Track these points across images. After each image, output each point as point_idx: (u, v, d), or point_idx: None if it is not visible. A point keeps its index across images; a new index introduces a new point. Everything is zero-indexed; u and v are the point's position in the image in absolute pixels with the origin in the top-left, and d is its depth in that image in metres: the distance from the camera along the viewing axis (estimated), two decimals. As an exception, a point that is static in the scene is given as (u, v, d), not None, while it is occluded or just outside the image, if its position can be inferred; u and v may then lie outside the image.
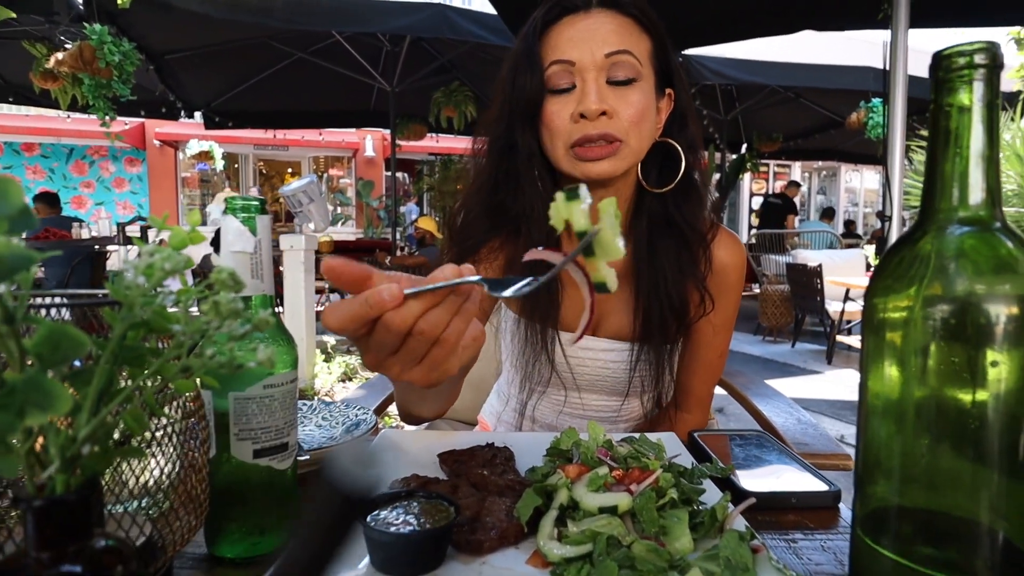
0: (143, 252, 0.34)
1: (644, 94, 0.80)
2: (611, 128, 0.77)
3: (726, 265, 0.92)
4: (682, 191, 0.87)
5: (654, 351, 0.91)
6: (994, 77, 0.37)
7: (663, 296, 0.87)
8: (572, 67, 0.79)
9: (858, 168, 14.66)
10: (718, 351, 0.97)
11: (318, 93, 7.19)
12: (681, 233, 0.87)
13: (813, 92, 6.87)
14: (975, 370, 0.38)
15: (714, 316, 0.92)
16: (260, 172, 15.11)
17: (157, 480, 0.49)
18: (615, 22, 0.80)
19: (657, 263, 0.87)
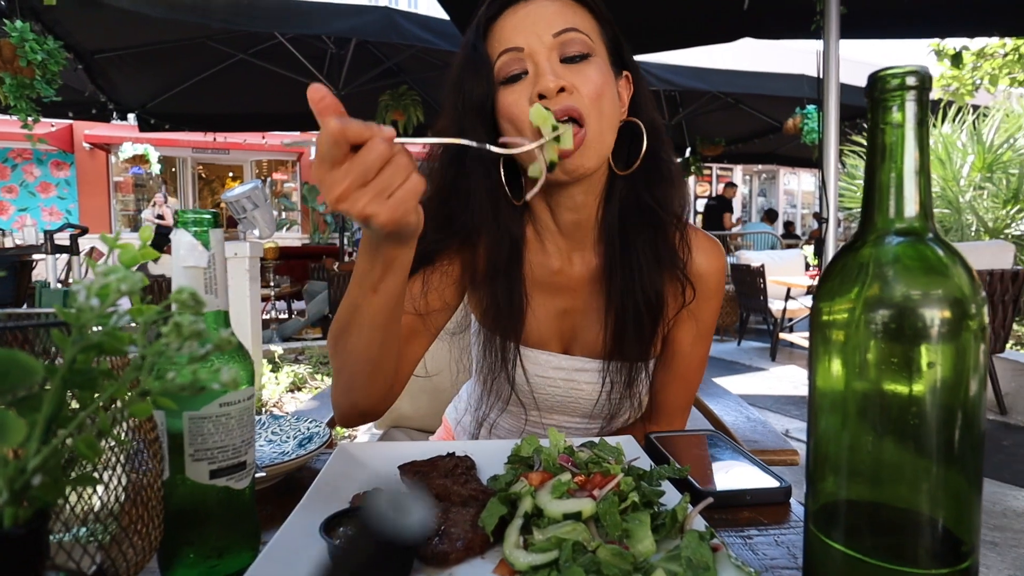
0: (96, 272, 0.33)
1: (601, 70, 0.77)
2: (572, 102, 0.74)
3: (706, 270, 0.89)
4: (650, 171, 0.84)
5: (628, 368, 0.87)
6: (923, 97, 0.40)
7: (638, 290, 0.83)
8: (521, 53, 0.76)
9: (796, 171, 15.32)
10: (696, 362, 0.93)
11: (260, 95, 7.00)
12: (655, 216, 0.84)
13: (752, 98, 7.13)
14: (911, 369, 0.40)
15: (693, 326, 0.89)
16: (199, 176, 14.58)
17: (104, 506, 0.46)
18: (557, 4, 0.78)
19: (630, 254, 0.83)
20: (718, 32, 3.93)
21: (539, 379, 0.90)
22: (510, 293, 0.85)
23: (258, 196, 3.32)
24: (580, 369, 0.89)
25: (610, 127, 0.79)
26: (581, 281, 0.89)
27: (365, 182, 0.53)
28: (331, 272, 6.27)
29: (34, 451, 0.32)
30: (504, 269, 0.85)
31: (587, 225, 0.87)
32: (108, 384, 0.38)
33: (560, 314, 0.90)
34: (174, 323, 0.31)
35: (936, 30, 3.88)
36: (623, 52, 0.85)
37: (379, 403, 0.82)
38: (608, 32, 0.83)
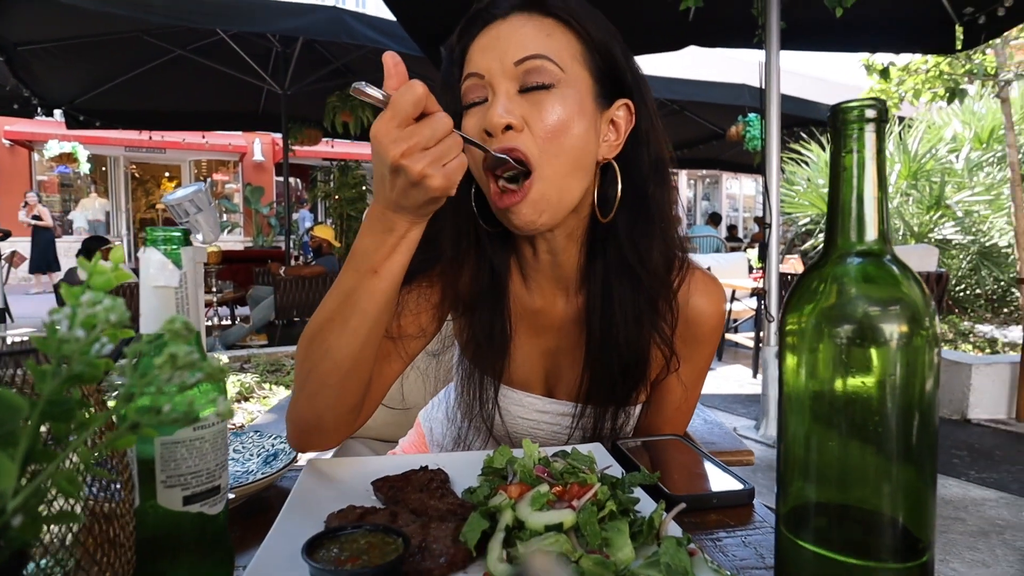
0: (82, 301, 0.32)
1: (565, 102, 0.69)
2: (518, 143, 0.67)
3: (702, 313, 0.82)
4: (638, 221, 0.75)
5: (597, 412, 0.83)
6: (881, 129, 0.43)
7: (612, 349, 0.77)
8: (482, 80, 0.70)
9: (737, 176, 15.88)
10: (687, 408, 0.89)
11: (201, 93, 6.76)
12: (635, 276, 0.76)
13: (696, 105, 7.36)
14: (872, 376, 0.43)
15: (685, 372, 0.83)
16: (132, 176, 13.94)
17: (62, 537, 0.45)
18: (532, 24, 0.70)
19: (611, 307, 0.77)
20: (664, 41, 4.04)
21: (520, 420, 0.86)
22: (492, 328, 0.81)
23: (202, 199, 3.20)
24: (562, 413, 0.85)
25: (572, 172, 0.70)
26: (564, 322, 0.83)
27: (428, 147, 0.57)
28: (277, 277, 6.10)
29: (12, 490, 0.31)
30: (486, 301, 0.81)
31: (568, 268, 0.80)
32: (88, 416, 0.37)
33: (543, 354, 0.85)
34: (169, 354, 0.30)
35: (866, 46, 4.11)
36: (621, 77, 0.75)
37: (343, 418, 0.74)
38: (596, 57, 0.73)
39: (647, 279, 0.76)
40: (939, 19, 3.47)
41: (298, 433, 0.75)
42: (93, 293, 0.34)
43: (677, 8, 3.06)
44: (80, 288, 0.36)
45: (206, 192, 3.40)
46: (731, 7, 3.23)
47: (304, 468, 0.74)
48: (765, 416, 3.28)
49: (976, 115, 5.68)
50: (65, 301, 0.35)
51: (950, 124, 5.71)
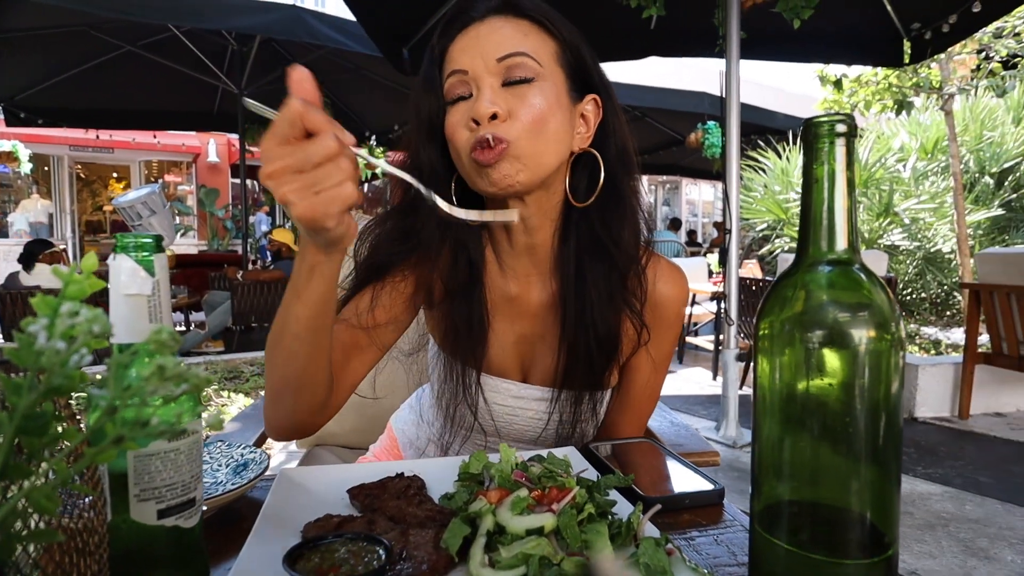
0: (62, 312, 0.31)
1: (545, 95, 0.74)
2: (499, 131, 0.72)
3: (667, 298, 0.87)
4: (609, 204, 0.81)
5: (575, 397, 0.86)
6: (851, 143, 0.45)
7: (589, 324, 0.81)
8: (466, 76, 0.75)
9: (697, 182, 16.23)
10: (650, 393, 0.92)
11: (152, 91, 6.55)
12: (609, 253, 0.81)
13: (657, 112, 7.50)
14: (842, 381, 0.45)
15: (651, 356, 0.87)
16: (78, 176, 13.38)
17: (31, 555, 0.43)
18: (510, 26, 0.75)
19: (584, 287, 0.82)
20: (627, 49, 4.11)
21: (498, 407, 0.89)
22: (470, 317, 0.83)
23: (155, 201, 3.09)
24: (538, 399, 0.88)
25: (550, 150, 0.76)
26: (539, 308, 0.87)
27: (301, 170, 0.54)
28: (234, 281, 5.95)
29: (-10, 508, 0.30)
30: (463, 291, 0.83)
31: (543, 251, 0.85)
32: (63, 430, 0.35)
33: (518, 340, 0.88)
34: (158, 366, 0.30)
35: (821, 57, 4.27)
36: (589, 75, 0.81)
37: (308, 418, 0.78)
38: (568, 54, 0.79)
39: (619, 256, 0.81)
40: (889, 34, 3.63)
41: (271, 428, 0.80)
42: (71, 303, 0.33)
43: (639, 17, 3.12)
44: (56, 299, 0.35)
45: (159, 194, 3.29)
46: (692, 17, 3.31)
47: (277, 478, 0.73)
48: (725, 417, 3.36)
49: (922, 126, 5.96)
50: (37, 312, 0.34)
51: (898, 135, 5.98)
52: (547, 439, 0.92)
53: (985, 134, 5.59)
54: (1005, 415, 3.77)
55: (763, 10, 3.02)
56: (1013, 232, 5.51)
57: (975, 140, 5.59)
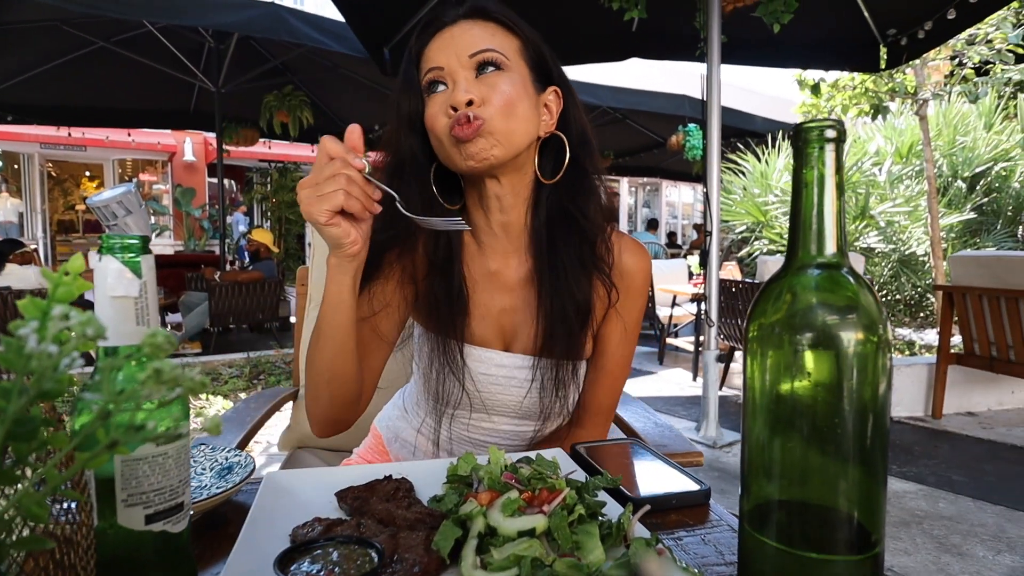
0: (54, 315, 0.30)
1: (513, 82, 0.83)
2: (476, 112, 0.81)
3: (631, 268, 0.95)
4: (575, 181, 0.90)
5: (555, 365, 0.91)
6: (840, 148, 0.46)
7: (565, 292, 0.89)
8: (443, 71, 0.84)
9: (677, 184, 16.37)
10: (622, 361, 0.98)
11: (127, 88, 6.42)
12: (578, 224, 0.90)
13: (638, 114, 7.55)
14: (831, 383, 0.46)
15: (620, 325, 0.95)
16: (48, 175, 13.07)
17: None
18: (478, 27, 0.85)
19: (557, 258, 0.90)
20: (609, 52, 4.14)
21: (482, 376, 0.94)
22: (449, 290, 0.90)
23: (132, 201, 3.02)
24: (519, 366, 0.93)
25: (522, 130, 0.84)
26: (517, 281, 0.94)
27: (315, 183, 0.71)
28: (212, 282, 5.87)
29: (-22, 516, 0.29)
30: (443, 268, 0.91)
31: (517, 228, 0.93)
32: (56, 436, 0.35)
33: (500, 312, 0.95)
34: (154, 369, 0.29)
35: (799, 62, 4.34)
36: (549, 68, 0.90)
37: (343, 412, 0.88)
38: (530, 51, 0.88)
39: (587, 226, 0.90)
40: (866, 39, 3.71)
41: (314, 423, 0.90)
42: (63, 306, 0.32)
43: (622, 19, 3.14)
44: (45, 301, 0.34)
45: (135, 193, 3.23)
46: (674, 20, 3.35)
47: (263, 481, 0.72)
48: (705, 418, 3.39)
49: (897, 131, 6.08)
50: (25, 314, 0.33)
51: (874, 139, 6.09)
52: (532, 409, 0.95)
53: (958, 139, 5.72)
54: (977, 414, 3.86)
55: (743, 14, 3.06)
56: (984, 235, 5.65)
57: (948, 145, 5.72)
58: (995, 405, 3.97)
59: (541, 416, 0.95)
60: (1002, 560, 2.14)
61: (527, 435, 0.99)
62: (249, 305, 6.11)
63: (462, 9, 0.86)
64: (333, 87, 6.59)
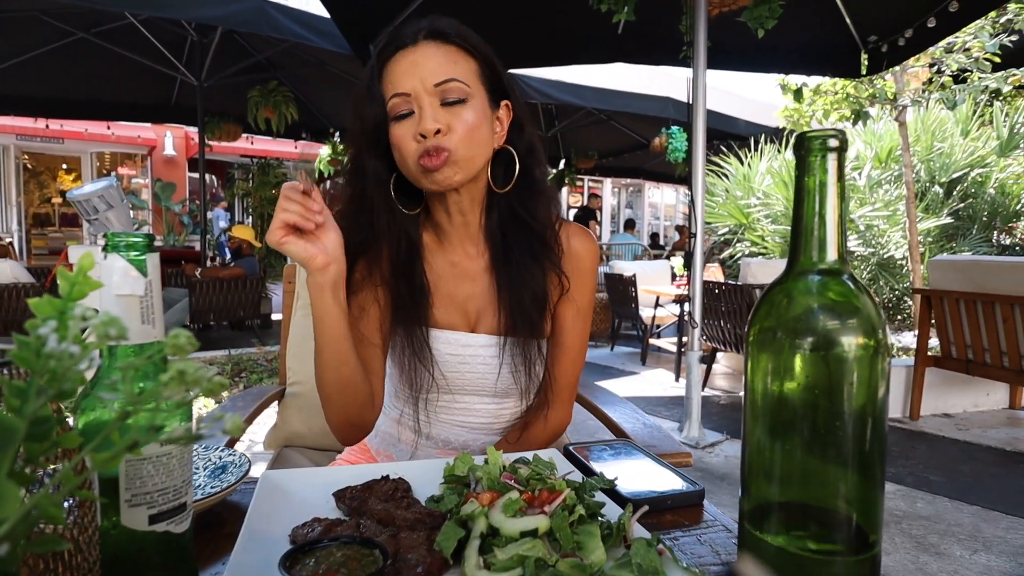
0: (75, 315, 0.30)
1: (475, 111, 0.90)
2: (443, 142, 0.87)
3: (579, 251, 1.03)
4: (525, 189, 0.97)
5: (522, 344, 0.98)
6: (842, 157, 0.47)
7: (521, 285, 0.97)
8: (409, 97, 0.88)
9: (659, 186, 16.48)
10: (578, 336, 1.05)
11: (106, 80, 6.31)
12: (528, 225, 0.97)
13: (622, 116, 7.59)
14: (831, 387, 0.47)
15: (573, 304, 1.02)
16: (24, 167, 12.79)
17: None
18: (440, 52, 0.89)
19: (512, 255, 0.97)
20: (594, 54, 4.16)
21: (450, 357, 0.99)
22: (412, 281, 0.97)
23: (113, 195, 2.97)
24: (484, 345, 1.00)
25: (480, 153, 0.92)
26: (478, 271, 1.02)
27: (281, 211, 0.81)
28: (193, 278, 5.79)
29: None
30: (404, 266, 0.97)
31: (474, 227, 1.01)
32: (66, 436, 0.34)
33: (464, 299, 1.02)
34: (177, 371, 0.29)
35: (782, 67, 4.40)
36: (503, 84, 0.96)
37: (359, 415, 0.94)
38: (486, 71, 0.94)
39: (536, 225, 0.98)
40: (847, 46, 3.76)
41: (337, 432, 0.96)
42: (84, 306, 0.32)
43: (608, 21, 3.16)
44: (60, 300, 0.34)
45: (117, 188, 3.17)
46: (659, 24, 3.37)
47: (260, 481, 0.72)
48: (688, 418, 3.42)
49: (877, 136, 6.17)
50: (38, 313, 0.33)
51: (854, 144, 6.19)
52: (507, 388, 1.01)
53: (935, 145, 5.83)
54: (953, 416, 3.95)
55: (729, 19, 3.09)
56: (960, 240, 5.77)
57: (926, 151, 5.82)
58: (971, 407, 4.06)
59: (519, 394, 1.02)
60: (978, 559, 2.19)
61: (506, 415, 1.05)
62: (230, 302, 6.04)
63: (423, 31, 0.90)
64: (317, 83, 6.54)
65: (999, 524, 2.45)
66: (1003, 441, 3.46)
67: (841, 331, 0.47)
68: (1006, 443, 3.43)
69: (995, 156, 5.82)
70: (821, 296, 0.48)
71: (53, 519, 0.30)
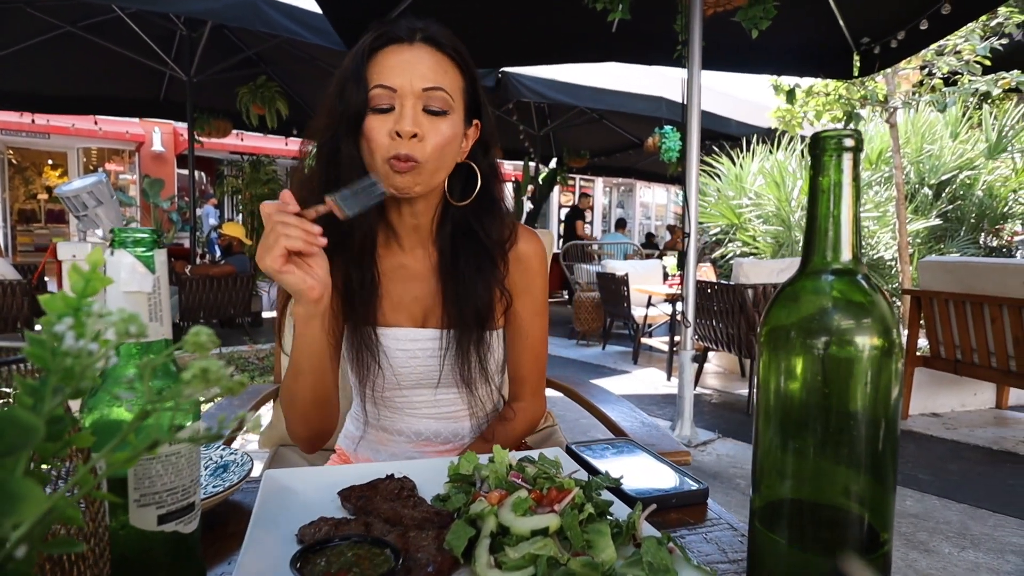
0: (93, 312, 0.29)
1: (453, 126, 0.91)
2: (415, 151, 0.87)
3: (528, 254, 1.05)
4: (482, 206, 0.99)
5: (467, 336, 1.00)
6: (857, 157, 0.47)
7: (463, 293, 0.99)
8: (394, 93, 0.88)
9: (651, 185, 16.51)
10: (539, 334, 1.08)
11: (93, 75, 6.22)
12: (481, 241, 1.00)
13: (615, 115, 7.59)
14: (845, 388, 0.47)
15: (528, 301, 1.05)
16: (9, 163, 12.62)
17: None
18: (434, 58, 0.90)
19: (459, 265, 0.99)
20: (588, 52, 4.16)
21: (399, 352, 1.01)
22: (363, 278, 0.98)
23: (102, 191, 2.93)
24: (432, 339, 1.02)
25: (444, 167, 0.94)
26: (425, 273, 1.03)
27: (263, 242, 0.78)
28: (182, 276, 5.74)
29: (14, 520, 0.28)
30: (357, 260, 0.98)
31: (424, 232, 1.02)
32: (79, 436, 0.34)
33: (412, 300, 1.04)
34: (200, 369, 0.29)
35: (776, 68, 4.42)
36: (479, 104, 0.98)
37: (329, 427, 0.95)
38: (470, 89, 0.95)
39: (489, 242, 1.00)
40: (840, 48, 3.79)
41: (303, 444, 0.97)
42: (100, 304, 0.31)
43: (602, 20, 3.16)
44: (74, 297, 0.33)
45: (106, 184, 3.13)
46: (653, 23, 3.37)
47: (263, 481, 0.71)
48: (680, 417, 3.43)
49: (867, 137, 6.22)
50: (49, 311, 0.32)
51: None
52: (452, 379, 1.02)
53: (925, 147, 5.87)
54: (941, 415, 3.99)
55: (723, 19, 3.10)
56: (948, 241, 5.82)
57: (916, 152, 5.87)
58: (958, 407, 4.10)
59: (464, 384, 1.02)
60: (966, 556, 2.22)
61: (460, 407, 1.06)
62: (220, 300, 5.99)
63: (420, 32, 0.90)
64: (308, 78, 6.48)
65: (987, 522, 2.48)
66: (990, 440, 3.51)
67: (855, 331, 0.47)
68: (993, 442, 3.47)
69: (983, 159, 5.88)
70: (836, 296, 0.48)
71: (71, 520, 0.30)
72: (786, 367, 0.49)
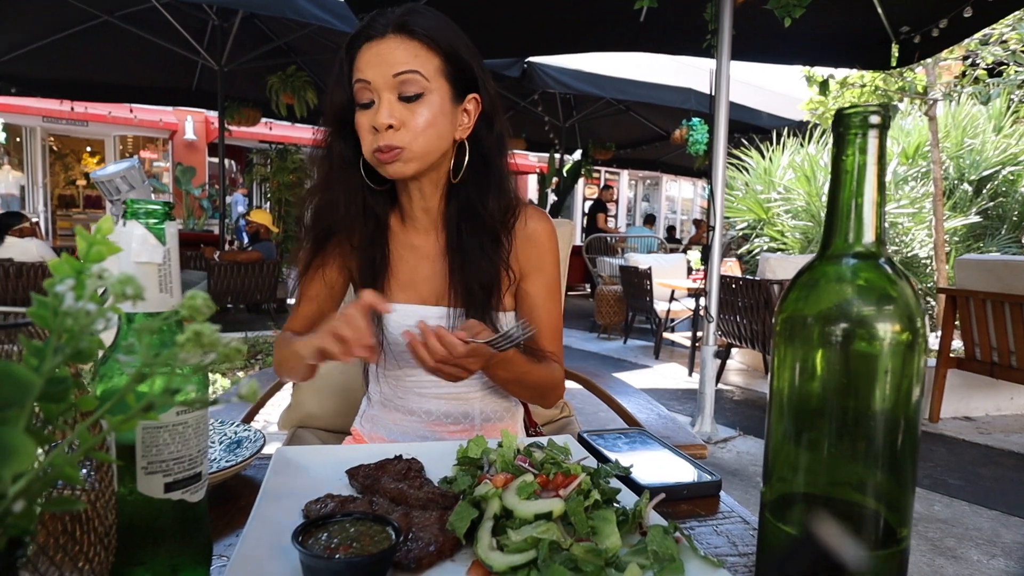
0: (93, 272, 0.29)
1: (432, 106, 0.93)
2: (394, 140, 0.91)
3: (537, 231, 1.06)
4: (482, 180, 1.01)
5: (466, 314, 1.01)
6: (883, 135, 0.45)
7: (469, 272, 1.01)
8: (370, 86, 0.91)
9: (677, 179, 16.31)
10: (553, 309, 1.09)
11: (129, 64, 6.36)
12: (480, 217, 1.01)
13: (642, 107, 7.51)
14: (865, 378, 0.46)
15: (540, 280, 1.07)
16: (51, 149, 12.98)
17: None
18: (404, 46, 0.92)
19: (464, 245, 1.01)
20: (614, 42, 4.10)
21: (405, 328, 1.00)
22: (374, 256, 1.03)
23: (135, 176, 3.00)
24: (438, 316, 1.03)
25: (436, 147, 0.95)
26: (436, 253, 1.06)
27: None
28: (211, 261, 5.85)
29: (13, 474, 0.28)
30: (371, 239, 1.03)
31: (434, 212, 1.05)
32: (84, 398, 0.34)
33: (422, 280, 1.06)
34: (193, 332, 0.29)
35: (808, 58, 4.31)
36: (471, 78, 0.98)
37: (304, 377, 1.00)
38: (451, 67, 0.95)
39: (487, 218, 1.01)
40: (877, 36, 3.67)
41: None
42: (100, 265, 0.31)
43: (629, 8, 3.11)
44: (79, 261, 0.33)
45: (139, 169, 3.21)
46: (682, 11, 3.31)
47: (274, 457, 0.72)
48: (701, 413, 3.39)
49: (904, 131, 6.02)
50: (56, 273, 0.33)
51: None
52: None
53: (966, 141, 5.66)
54: (974, 419, 3.88)
55: (754, 7, 3.03)
56: (988, 240, 5.63)
57: (956, 147, 5.66)
58: (993, 411, 3.98)
59: None
60: (996, 564, 2.15)
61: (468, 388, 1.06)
62: (248, 285, 6.10)
63: (391, 25, 0.92)
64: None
65: (1020, 530, 2.41)
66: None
67: (877, 318, 0.45)
68: (1028, 448, 3.36)
69: (1029, 154, 5.67)
70: (856, 280, 0.46)
71: (69, 479, 0.30)
72: (802, 356, 0.48)
